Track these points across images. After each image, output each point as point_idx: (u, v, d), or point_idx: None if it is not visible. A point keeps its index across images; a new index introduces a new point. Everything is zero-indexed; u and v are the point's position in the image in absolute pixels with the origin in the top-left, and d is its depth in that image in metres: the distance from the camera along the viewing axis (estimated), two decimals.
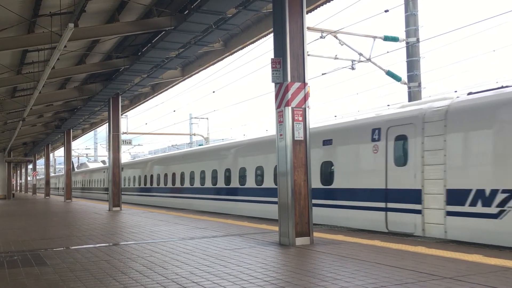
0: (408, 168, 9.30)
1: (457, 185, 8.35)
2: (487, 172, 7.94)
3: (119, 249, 7.74)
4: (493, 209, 7.72)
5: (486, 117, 8.13)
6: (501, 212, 7.60)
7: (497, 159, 7.88)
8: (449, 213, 8.40)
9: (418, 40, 16.88)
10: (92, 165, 44.40)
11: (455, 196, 8.34)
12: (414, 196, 9.08)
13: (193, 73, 18.17)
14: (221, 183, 16.75)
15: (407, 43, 16.98)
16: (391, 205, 9.65)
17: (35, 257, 7.16)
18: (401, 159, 9.53)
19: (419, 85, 17.07)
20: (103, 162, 46.55)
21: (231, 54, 15.58)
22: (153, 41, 13.61)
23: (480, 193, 7.95)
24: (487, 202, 7.82)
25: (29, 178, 57.53)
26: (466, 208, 8.16)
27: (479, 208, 7.93)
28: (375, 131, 10.14)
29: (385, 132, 9.88)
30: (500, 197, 7.63)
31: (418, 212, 8.98)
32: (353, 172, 10.73)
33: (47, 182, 37.50)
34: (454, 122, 8.56)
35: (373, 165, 10.12)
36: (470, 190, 8.12)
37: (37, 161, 51.10)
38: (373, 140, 10.11)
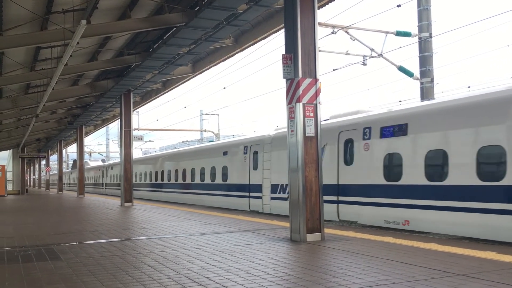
0: (258, 171, 15.20)
1: (274, 181, 14.21)
2: (283, 174, 13.06)
3: (131, 244, 7.81)
4: (286, 195, 13.02)
5: (280, 143, 13.94)
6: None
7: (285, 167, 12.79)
8: (272, 198, 14.27)
9: (430, 35, 16.72)
10: (91, 164, 50.34)
11: (273, 188, 14.23)
12: (259, 188, 15.01)
13: (204, 69, 18.20)
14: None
15: (419, 38, 16.83)
16: (252, 194, 15.71)
17: (49, 251, 7.25)
18: (255, 165, 15.42)
19: (432, 81, 16.92)
20: (103, 161, 55.43)
21: (242, 50, 15.57)
22: (164, 38, 13.65)
23: (282, 186, 13.67)
24: (284, 191, 13.41)
25: (42, 174, 58.19)
26: (277, 195, 14.01)
27: (282, 195, 13.65)
28: (245, 147, 16.16)
29: (249, 148, 15.95)
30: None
31: (260, 198, 14.95)
32: (237, 173, 16.66)
33: (60, 178, 37.90)
34: (274, 145, 14.49)
35: (245, 169, 16.11)
36: (278, 185, 13.94)
37: (50, 157, 51.65)
38: (244, 153, 16.16)
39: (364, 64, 17.19)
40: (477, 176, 8.38)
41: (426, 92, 16.76)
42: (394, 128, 9.99)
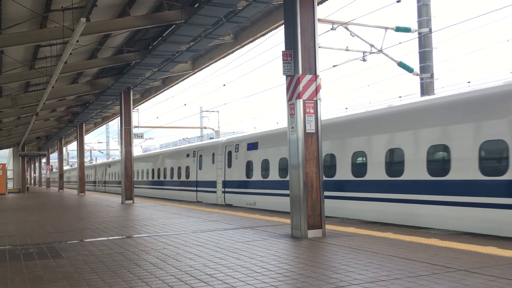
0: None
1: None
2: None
3: (132, 242, 7.82)
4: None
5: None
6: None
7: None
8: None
9: (430, 31, 16.70)
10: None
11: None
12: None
13: (204, 66, 18.18)
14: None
15: (419, 33, 16.81)
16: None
17: (51, 249, 7.26)
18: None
19: (432, 76, 16.91)
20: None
21: (242, 47, 15.55)
22: (163, 35, 13.63)
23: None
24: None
25: (42, 172, 58.24)
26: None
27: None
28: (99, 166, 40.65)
29: (100, 167, 41.30)
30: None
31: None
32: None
33: (61, 176, 37.91)
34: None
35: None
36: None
37: (51, 155, 51.65)
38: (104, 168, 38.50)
39: (364, 60, 17.19)
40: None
41: (426, 88, 16.76)
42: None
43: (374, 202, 10.60)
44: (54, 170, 61.43)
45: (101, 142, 71.76)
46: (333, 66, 17.59)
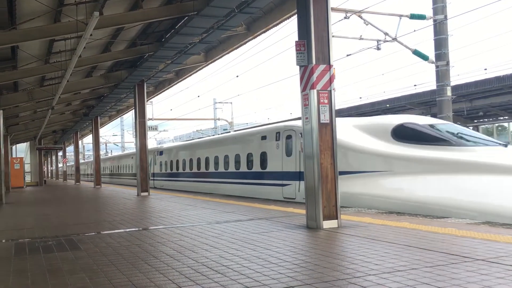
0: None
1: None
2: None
3: (149, 234, 7.90)
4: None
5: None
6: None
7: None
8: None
9: (446, 18, 16.42)
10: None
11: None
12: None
13: (217, 58, 18.15)
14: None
15: (434, 20, 16.55)
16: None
17: (69, 242, 7.37)
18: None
19: (447, 64, 16.67)
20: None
21: (254, 37, 15.47)
22: (176, 27, 13.63)
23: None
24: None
25: (59, 165, 59.03)
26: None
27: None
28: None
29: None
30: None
31: None
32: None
33: (77, 169, 38.38)
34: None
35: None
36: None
37: (67, 148, 52.34)
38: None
39: (378, 48, 17.00)
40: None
41: (442, 76, 16.53)
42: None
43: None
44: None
45: (116, 135, 72.49)
46: (347, 55, 17.44)
